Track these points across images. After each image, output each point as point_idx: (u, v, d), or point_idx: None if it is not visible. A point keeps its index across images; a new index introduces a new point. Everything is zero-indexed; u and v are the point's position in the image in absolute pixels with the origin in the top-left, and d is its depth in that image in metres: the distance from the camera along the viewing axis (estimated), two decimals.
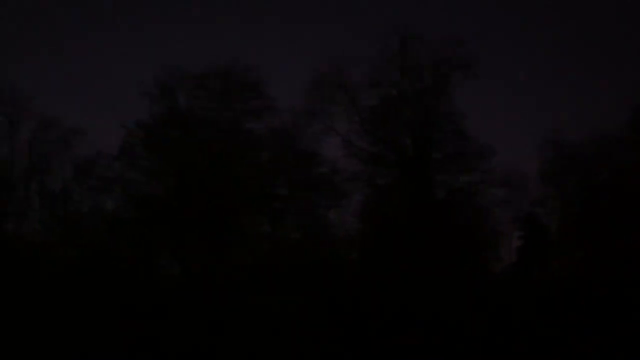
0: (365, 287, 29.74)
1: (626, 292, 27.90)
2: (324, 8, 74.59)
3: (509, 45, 72.51)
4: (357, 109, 34.09)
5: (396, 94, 34.09)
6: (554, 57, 71.46)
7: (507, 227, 35.52)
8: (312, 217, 34.32)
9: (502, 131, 54.53)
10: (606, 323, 26.58)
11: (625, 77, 64.80)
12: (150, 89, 33.23)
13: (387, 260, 30.89)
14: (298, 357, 26.56)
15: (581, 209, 33.97)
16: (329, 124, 33.80)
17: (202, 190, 31.46)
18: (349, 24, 72.81)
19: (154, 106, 33.42)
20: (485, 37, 68.01)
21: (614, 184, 33.03)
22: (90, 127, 36.50)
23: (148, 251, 31.67)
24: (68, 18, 75.87)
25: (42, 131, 35.65)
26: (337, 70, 33.37)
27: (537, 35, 71.18)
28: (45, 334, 27.27)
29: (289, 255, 31.53)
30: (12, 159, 35.08)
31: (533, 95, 69.96)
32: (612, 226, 31.45)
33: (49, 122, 35.88)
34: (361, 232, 34.29)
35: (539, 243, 35.06)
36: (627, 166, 32.78)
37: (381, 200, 34.31)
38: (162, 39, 74.04)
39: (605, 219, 31.72)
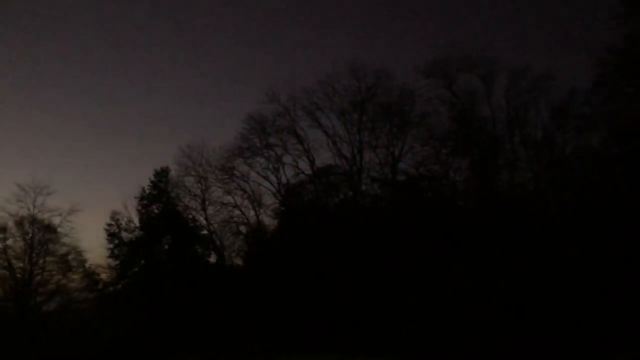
0: None
1: None
2: None
3: None
4: None
5: None
6: None
7: None
8: None
9: None
10: None
11: None
12: (617, 9, 29.45)
13: None
14: None
15: None
16: None
17: None
18: None
19: (622, 27, 29.46)
20: None
21: None
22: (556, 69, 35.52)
23: None
24: None
25: (513, 83, 36.60)
26: None
27: None
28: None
29: None
30: (493, 116, 37.19)
31: None
32: None
33: (518, 73, 36.60)
34: None
35: None
36: None
37: None
38: None
39: None
